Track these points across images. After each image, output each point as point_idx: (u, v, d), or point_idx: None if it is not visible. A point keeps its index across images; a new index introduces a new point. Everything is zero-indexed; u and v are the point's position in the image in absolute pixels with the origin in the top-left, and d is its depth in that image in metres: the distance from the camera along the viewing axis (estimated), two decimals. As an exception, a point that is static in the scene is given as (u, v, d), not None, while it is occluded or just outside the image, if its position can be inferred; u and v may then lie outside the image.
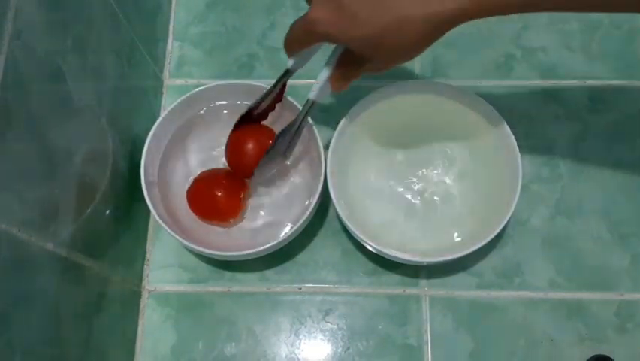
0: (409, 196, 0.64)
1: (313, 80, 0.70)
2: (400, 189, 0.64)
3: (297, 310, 0.63)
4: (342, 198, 0.60)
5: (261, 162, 0.59)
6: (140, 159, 0.59)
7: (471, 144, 0.64)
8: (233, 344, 0.62)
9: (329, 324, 0.62)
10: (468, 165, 0.64)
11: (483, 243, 0.56)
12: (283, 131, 0.58)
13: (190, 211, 0.63)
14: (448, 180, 0.64)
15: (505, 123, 0.60)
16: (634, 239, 0.64)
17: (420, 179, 0.64)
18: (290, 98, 0.62)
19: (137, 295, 0.63)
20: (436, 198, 0.63)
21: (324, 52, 0.56)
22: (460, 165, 0.64)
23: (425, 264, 0.62)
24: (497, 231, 0.57)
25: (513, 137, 0.59)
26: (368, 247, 0.59)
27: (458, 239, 0.60)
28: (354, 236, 0.59)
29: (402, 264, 0.63)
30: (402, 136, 0.65)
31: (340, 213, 0.58)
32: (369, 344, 0.61)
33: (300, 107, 0.61)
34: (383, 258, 0.61)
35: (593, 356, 0.59)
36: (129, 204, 0.61)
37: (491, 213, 0.59)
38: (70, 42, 0.48)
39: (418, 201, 0.63)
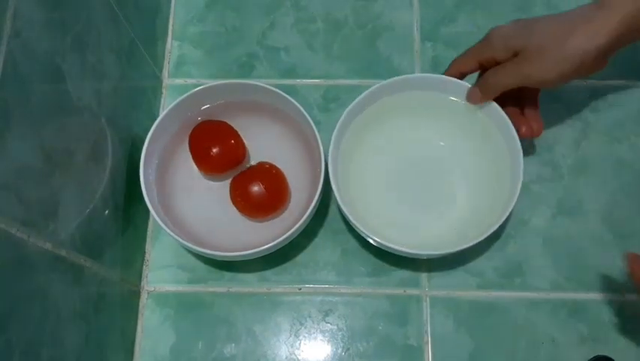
0: (410, 193, 0.64)
1: (314, 80, 0.71)
2: (401, 186, 0.64)
3: (297, 310, 0.63)
4: (344, 195, 0.59)
5: None
6: (139, 159, 0.59)
7: (473, 141, 0.64)
8: (233, 344, 0.61)
9: (329, 325, 0.62)
10: (470, 163, 0.64)
11: (484, 236, 0.56)
12: None
13: (190, 211, 0.63)
14: (449, 178, 0.64)
15: (508, 120, 0.60)
16: (635, 239, 0.64)
17: (421, 176, 0.64)
18: (291, 99, 0.62)
19: (136, 296, 0.63)
20: (437, 195, 0.63)
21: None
22: (461, 163, 0.64)
23: (426, 257, 0.61)
24: (499, 224, 0.57)
25: (516, 134, 0.59)
26: (371, 241, 0.59)
27: (459, 236, 0.60)
28: (357, 230, 0.58)
29: (403, 264, 0.63)
30: (402, 133, 0.65)
31: (343, 208, 0.58)
32: (370, 344, 0.61)
33: (301, 108, 0.61)
34: (383, 257, 0.60)
35: (595, 357, 0.59)
36: (129, 204, 0.61)
37: (493, 210, 0.59)
38: (69, 41, 0.48)
39: (419, 199, 0.63)
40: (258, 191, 0.61)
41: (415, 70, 0.71)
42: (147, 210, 0.58)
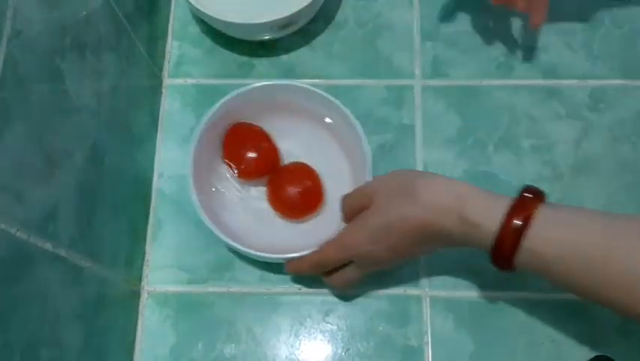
0: None
1: (314, 80, 0.71)
2: None
3: (297, 310, 0.63)
4: None
5: None
6: (139, 158, 0.59)
7: None
8: (233, 344, 0.61)
9: (329, 325, 0.62)
10: None
11: None
12: None
13: (226, 212, 0.63)
14: None
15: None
16: (635, 239, 0.64)
17: None
18: (335, 100, 0.62)
19: (136, 296, 0.63)
20: None
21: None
22: None
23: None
24: None
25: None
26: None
27: None
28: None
29: (403, 265, 0.63)
30: None
31: None
32: (370, 344, 0.61)
33: (346, 110, 0.61)
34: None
35: (595, 357, 0.59)
36: (128, 204, 0.61)
37: None
38: (69, 41, 0.47)
39: None
40: (294, 192, 0.62)
41: (414, 70, 0.71)
42: (147, 210, 0.58)
